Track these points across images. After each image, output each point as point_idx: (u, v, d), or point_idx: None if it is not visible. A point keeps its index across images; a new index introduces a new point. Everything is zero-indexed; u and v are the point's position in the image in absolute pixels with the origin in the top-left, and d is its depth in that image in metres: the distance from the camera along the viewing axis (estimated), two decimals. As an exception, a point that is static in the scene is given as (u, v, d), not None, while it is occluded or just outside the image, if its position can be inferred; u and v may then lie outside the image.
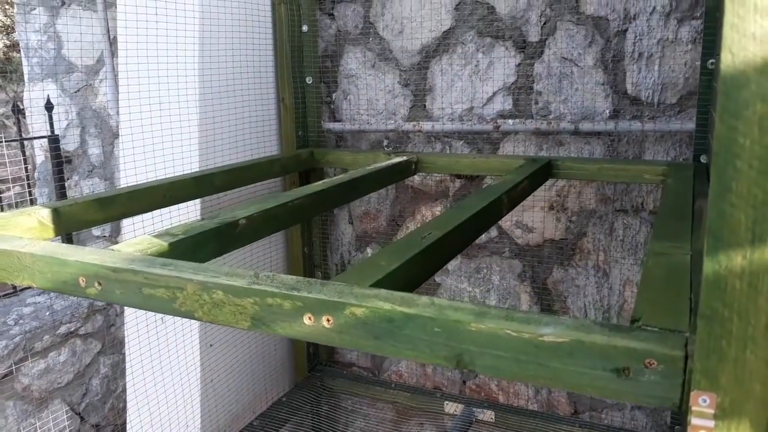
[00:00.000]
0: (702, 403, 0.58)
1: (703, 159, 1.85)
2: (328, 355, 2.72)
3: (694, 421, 0.58)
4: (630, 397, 0.66)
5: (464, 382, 2.49)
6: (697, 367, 0.58)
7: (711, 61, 1.80)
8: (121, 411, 2.77)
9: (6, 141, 2.78)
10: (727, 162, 0.53)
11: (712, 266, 0.55)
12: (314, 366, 2.64)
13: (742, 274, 0.54)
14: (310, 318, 0.82)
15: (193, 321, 2.05)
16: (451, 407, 2.39)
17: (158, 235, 1.12)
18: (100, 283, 0.97)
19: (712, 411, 0.58)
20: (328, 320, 0.81)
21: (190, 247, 1.14)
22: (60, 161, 2.86)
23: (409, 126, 2.31)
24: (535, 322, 0.71)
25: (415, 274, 1.03)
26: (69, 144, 3.04)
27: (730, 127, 0.52)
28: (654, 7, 1.95)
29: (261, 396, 2.43)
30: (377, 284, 0.89)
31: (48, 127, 2.83)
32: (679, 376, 0.63)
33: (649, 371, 0.65)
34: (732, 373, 0.56)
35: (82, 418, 2.64)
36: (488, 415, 2.31)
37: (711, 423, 0.58)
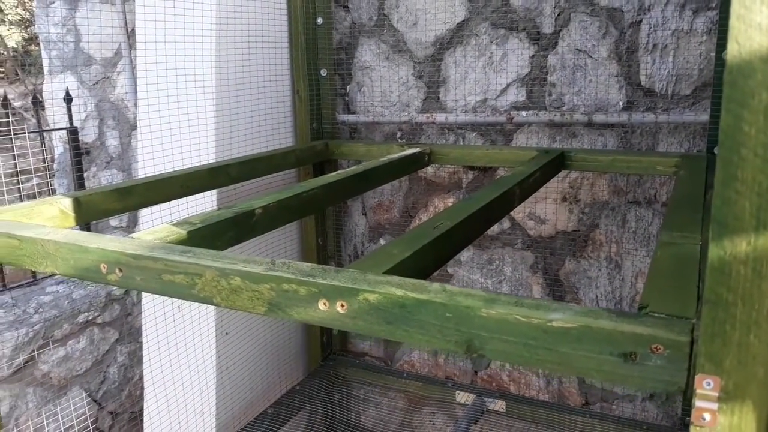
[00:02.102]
0: (706, 386, 0.59)
1: (716, 151, 1.85)
2: (341, 345, 2.75)
3: (698, 403, 0.60)
4: (636, 381, 0.68)
5: (476, 372, 2.51)
6: (702, 350, 0.59)
7: (726, 52, 1.79)
8: (138, 398, 2.82)
9: (26, 132, 2.84)
10: (732, 150, 0.54)
11: (717, 252, 0.56)
12: (327, 355, 2.68)
13: (746, 260, 0.55)
14: (324, 303, 0.84)
15: (209, 310, 2.08)
16: (463, 397, 2.41)
17: (177, 224, 1.15)
18: (120, 270, 1.00)
19: (716, 394, 0.59)
20: (342, 306, 0.83)
21: (208, 235, 1.16)
22: (79, 153, 2.91)
23: (422, 118, 2.32)
24: (544, 308, 0.73)
25: (426, 262, 1.05)
26: (87, 136, 3.09)
27: (735, 116, 0.53)
28: (669, -1, 1.94)
29: (275, 384, 2.46)
30: (390, 272, 0.91)
31: (67, 119, 2.87)
32: (685, 361, 0.64)
33: (655, 356, 0.66)
34: (736, 356, 0.58)
35: (99, 405, 2.70)
36: (499, 405, 2.33)
37: (715, 406, 0.59)
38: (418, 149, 2.08)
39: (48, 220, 1.33)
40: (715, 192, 0.55)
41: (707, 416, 0.60)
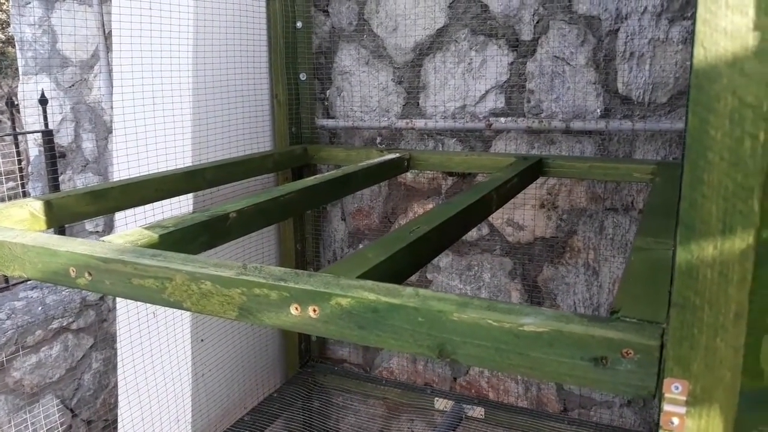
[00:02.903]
0: (674, 390, 0.59)
1: (692, 158, 1.87)
2: (320, 351, 2.73)
3: (667, 407, 0.60)
4: (607, 386, 0.67)
5: (455, 378, 2.51)
6: (670, 354, 0.59)
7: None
8: (112, 406, 2.78)
9: (0, 135, 2.79)
10: (699, 154, 0.54)
11: (685, 256, 0.57)
12: (306, 362, 2.65)
13: (713, 263, 0.56)
14: (296, 308, 0.83)
15: (184, 316, 2.06)
16: (442, 403, 2.40)
17: (149, 227, 1.13)
18: (90, 274, 0.98)
19: (684, 398, 0.59)
20: (314, 310, 0.82)
21: (181, 239, 1.14)
22: (54, 156, 2.86)
23: (402, 123, 2.32)
24: (515, 312, 0.73)
25: (402, 267, 1.04)
26: (63, 138, 3.04)
27: (702, 120, 0.54)
28: (645, 7, 1.97)
29: (252, 391, 2.44)
30: (364, 276, 0.90)
31: (42, 122, 2.83)
32: (655, 365, 0.64)
33: (626, 360, 0.66)
34: (703, 360, 0.58)
35: (73, 413, 2.64)
36: (478, 412, 2.32)
37: (683, 410, 0.59)
38: (397, 154, 2.07)
39: (17, 223, 1.30)
40: (683, 196, 0.55)
41: (675, 420, 0.60)
